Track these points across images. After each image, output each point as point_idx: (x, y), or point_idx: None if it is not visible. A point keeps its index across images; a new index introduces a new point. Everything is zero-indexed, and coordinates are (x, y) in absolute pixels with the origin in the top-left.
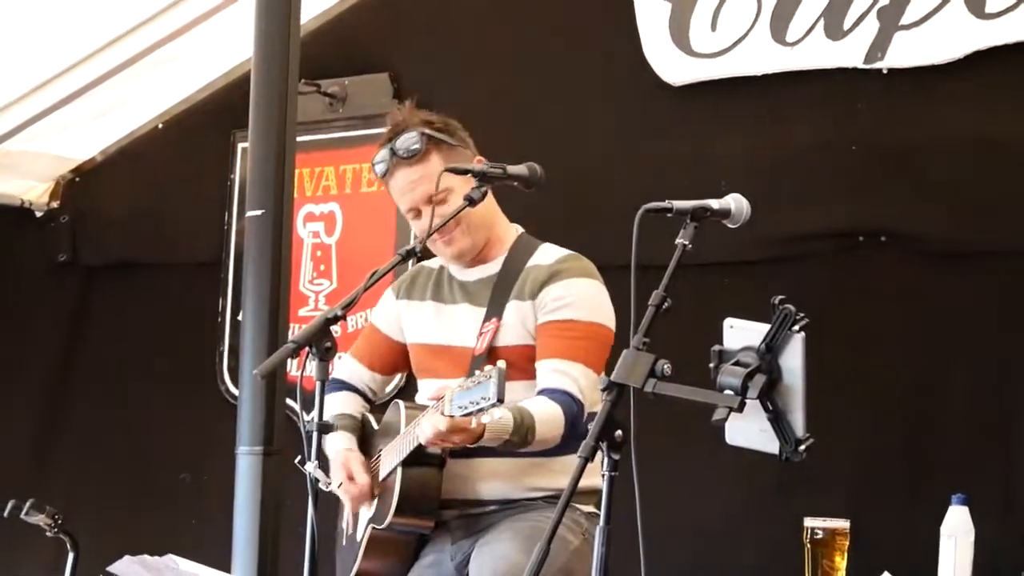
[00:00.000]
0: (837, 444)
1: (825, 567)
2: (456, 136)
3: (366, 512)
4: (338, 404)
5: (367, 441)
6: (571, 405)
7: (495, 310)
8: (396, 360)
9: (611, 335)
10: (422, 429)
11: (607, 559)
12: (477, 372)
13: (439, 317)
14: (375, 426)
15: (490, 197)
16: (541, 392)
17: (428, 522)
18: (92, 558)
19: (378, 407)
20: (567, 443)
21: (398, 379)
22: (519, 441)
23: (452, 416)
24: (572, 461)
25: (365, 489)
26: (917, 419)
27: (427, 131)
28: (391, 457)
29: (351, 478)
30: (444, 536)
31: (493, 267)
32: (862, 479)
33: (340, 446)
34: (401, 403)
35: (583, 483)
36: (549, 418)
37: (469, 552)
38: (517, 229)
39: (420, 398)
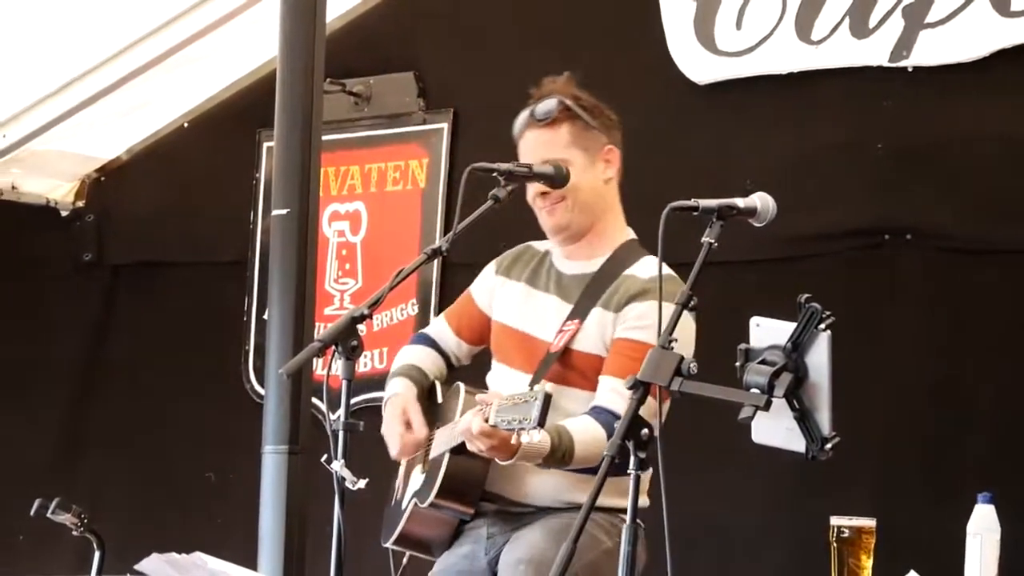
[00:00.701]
0: (863, 442)
1: (851, 566)
2: (599, 120)
3: (414, 481)
4: (415, 356)
5: (428, 411)
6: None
7: (580, 311)
8: (484, 332)
9: None
10: (463, 422)
11: (634, 557)
12: (525, 389)
13: (527, 302)
14: (439, 398)
15: (611, 188)
16: (592, 410)
17: (468, 508)
18: (118, 557)
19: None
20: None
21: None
22: (555, 463)
23: (494, 425)
24: (620, 480)
25: (417, 442)
26: (943, 417)
27: (567, 102)
28: (442, 441)
29: (408, 424)
30: (480, 528)
31: (591, 265)
32: (888, 478)
33: (401, 389)
34: (462, 387)
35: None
36: (591, 440)
37: (502, 547)
38: (629, 233)
39: (491, 378)
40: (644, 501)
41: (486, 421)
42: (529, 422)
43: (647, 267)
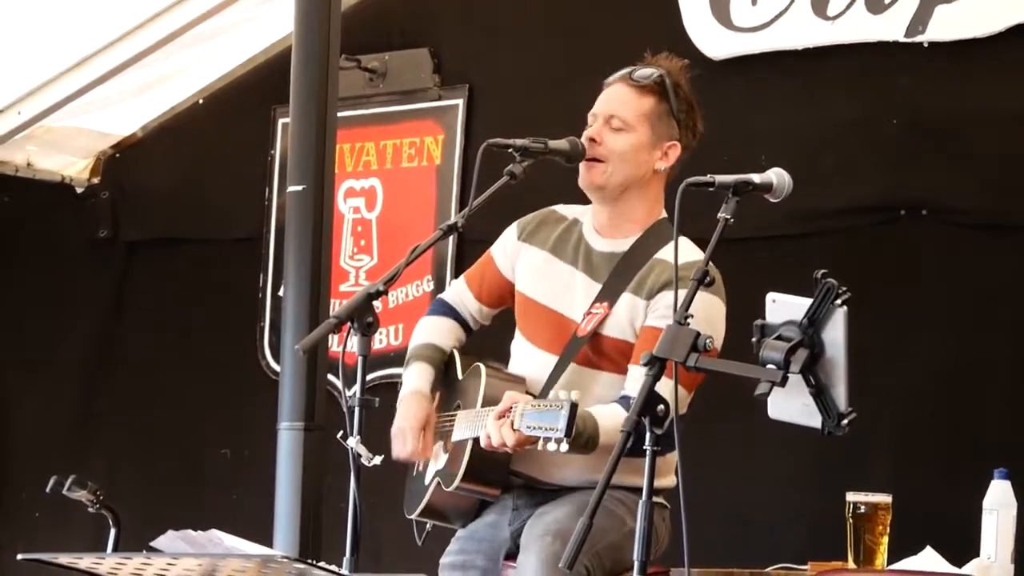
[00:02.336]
0: (879, 418)
1: (867, 541)
2: (684, 115)
3: (436, 459)
4: (431, 332)
5: (448, 386)
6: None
7: (609, 294)
8: (504, 295)
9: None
10: (489, 431)
11: (650, 534)
12: (551, 394)
13: (549, 272)
14: (459, 374)
15: (658, 180)
16: (621, 399)
17: (494, 491)
18: (133, 533)
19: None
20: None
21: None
22: (579, 449)
23: (519, 431)
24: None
25: (419, 458)
26: (959, 393)
27: (667, 79)
28: (463, 428)
29: (417, 441)
30: (506, 500)
31: (622, 244)
32: (904, 453)
33: (417, 383)
34: (483, 369)
35: (657, 481)
36: (616, 427)
37: (526, 519)
38: (662, 213)
39: (515, 350)
40: (671, 481)
41: (512, 427)
42: (556, 432)
43: (679, 250)
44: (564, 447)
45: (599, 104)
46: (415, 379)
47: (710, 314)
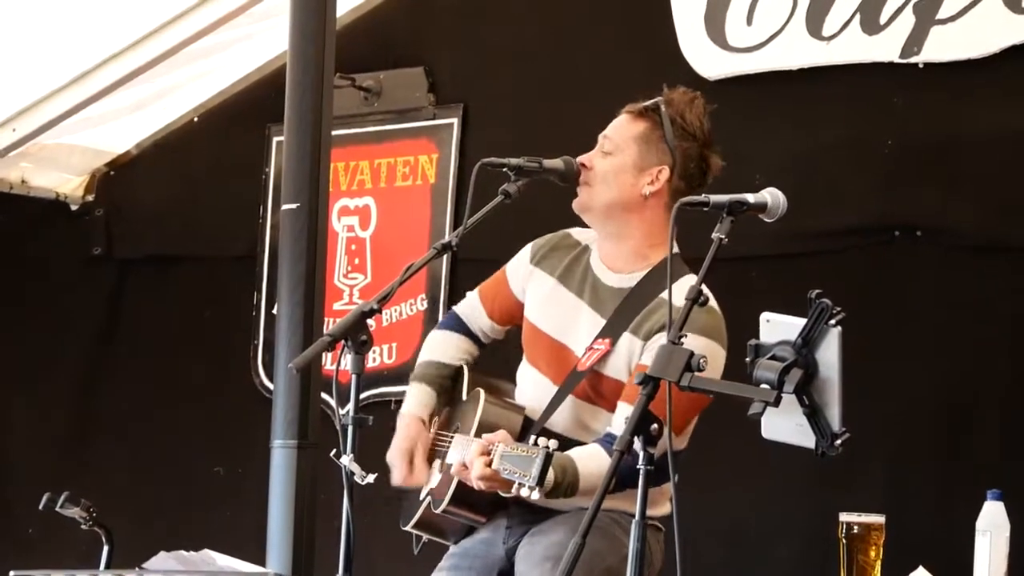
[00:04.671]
0: (873, 439)
1: (860, 562)
2: (681, 142)
3: (432, 477)
4: (438, 349)
5: (453, 404)
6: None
7: (612, 330)
8: (514, 314)
9: (704, 401)
10: (470, 454)
11: (642, 554)
12: (530, 441)
13: (556, 301)
14: (463, 395)
15: (651, 206)
16: (604, 438)
17: (480, 517)
18: (127, 551)
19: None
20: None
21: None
22: (560, 495)
23: (496, 470)
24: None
25: (414, 483)
26: (952, 414)
27: (662, 107)
28: (456, 452)
29: (410, 468)
30: (501, 518)
31: (629, 280)
32: (897, 474)
33: (414, 408)
34: (482, 396)
35: (651, 511)
36: (596, 470)
37: (520, 537)
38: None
39: (521, 376)
40: (665, 510)
41: (488, 465)
42: (529, 479)
43: (683, 292)
44: (535, 495)
45: (605, 132)
46: (410, 402)
47: (712, 363)
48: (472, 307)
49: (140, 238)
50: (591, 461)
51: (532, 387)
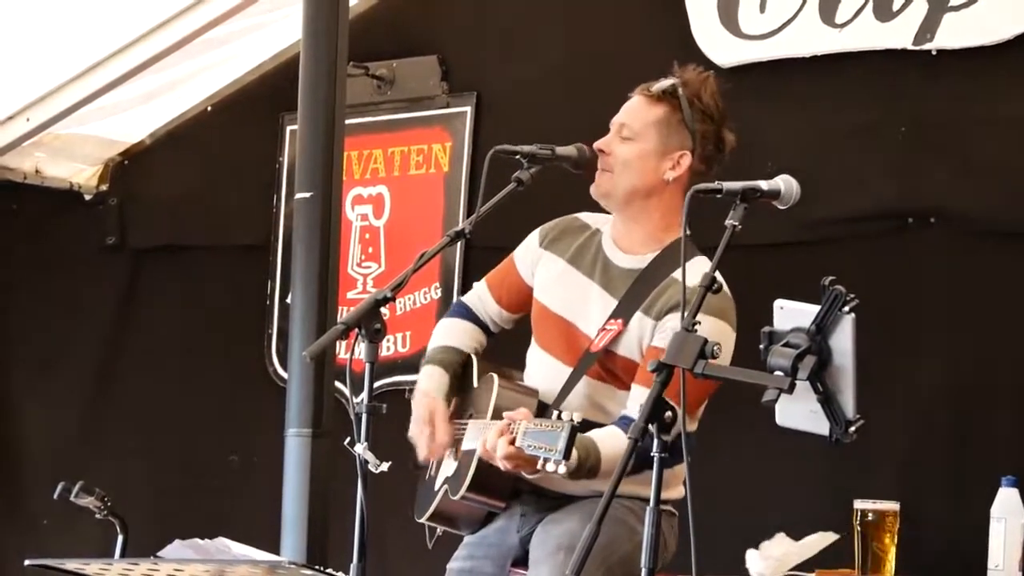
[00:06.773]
0: (887, 426)
1: (875, 549)
2: (700, 124)
3: (447, 466)
4: (449, 335)
5: (463, 393)
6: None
7: (624, 310)
8: (524, 300)
9: (714, 384)
10: (489, 439)
11: (656, 540)
12: (554, 416)
13: (567, 283)
14: (474, 382)
15: (671, 191)
16: (620, 420)
17: (500, 502)
18: (141, 540)
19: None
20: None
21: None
22: (582, 476)
23: (519, 448)
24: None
25: (440, 450)
26: (967, 400)
27: (680, 89)
28: (472, 438)
29: (432, 433)
30: (515, 506)
31: (641, 261)
32: (912, 461)
33: (428, 386)
34: (496, 380)
35: (665, 493)
36: (618, 452)
37: (535, 525)
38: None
39: (531, 359)
40: (679, 492)
41: (512, 443)
42: (555, 453)
43: (695, 272)
44: (562, 468)
45: (617, 115)
46: (425, 382)
47: (724, 346)
48: (479, 296)
49: (154, 227)
50: (611, 441)
51: (543, 369)
